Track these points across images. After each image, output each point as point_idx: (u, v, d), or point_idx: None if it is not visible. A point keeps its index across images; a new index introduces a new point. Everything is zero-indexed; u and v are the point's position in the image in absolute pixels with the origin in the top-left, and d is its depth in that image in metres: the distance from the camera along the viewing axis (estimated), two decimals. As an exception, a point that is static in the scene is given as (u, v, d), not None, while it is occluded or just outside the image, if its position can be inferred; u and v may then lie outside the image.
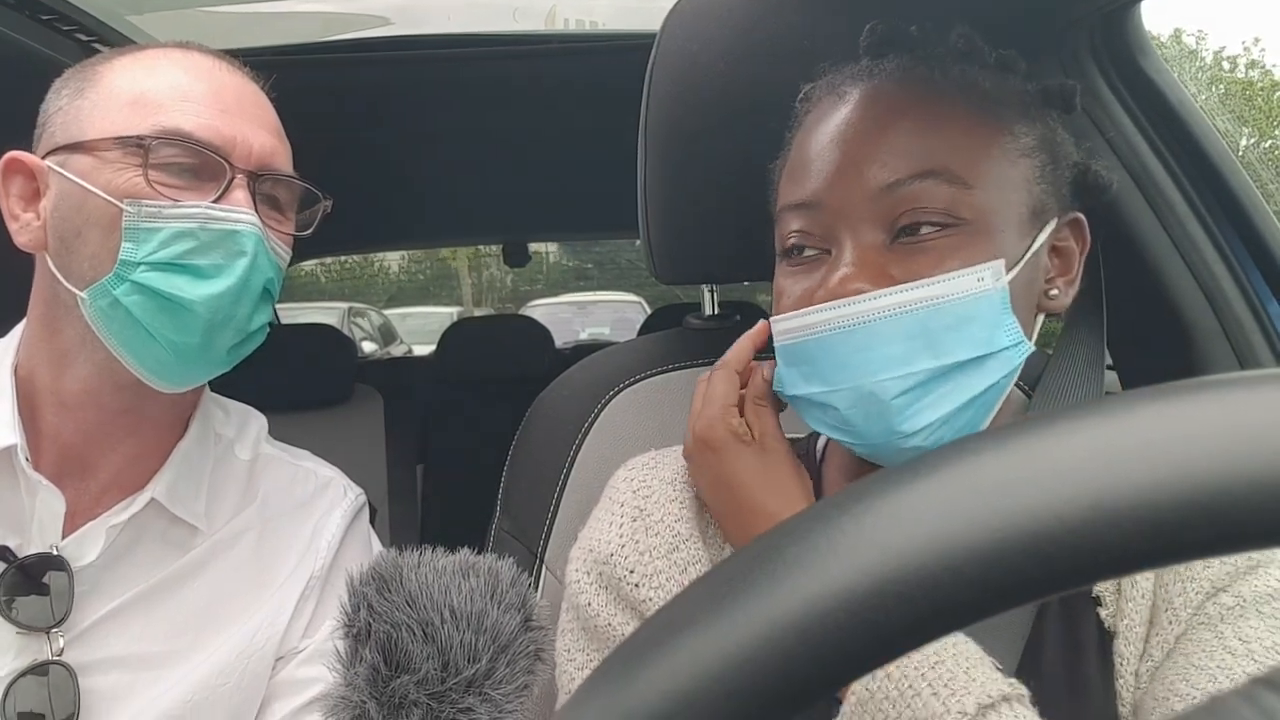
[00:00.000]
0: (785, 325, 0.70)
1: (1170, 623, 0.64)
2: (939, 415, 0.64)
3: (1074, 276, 0.72)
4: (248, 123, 0.79)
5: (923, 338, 0.63)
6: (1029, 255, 0.67)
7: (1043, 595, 0.22)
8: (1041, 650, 0.67)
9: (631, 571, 0.75)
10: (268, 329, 0.83)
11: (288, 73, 0.87)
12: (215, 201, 0.76)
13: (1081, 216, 0.71)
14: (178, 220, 0.74)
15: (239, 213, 0.76)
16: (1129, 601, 0.65)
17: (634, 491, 0.79)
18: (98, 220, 0.74)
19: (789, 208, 0.71)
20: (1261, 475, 0.21)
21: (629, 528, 0.77)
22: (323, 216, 0.88)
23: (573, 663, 0.77)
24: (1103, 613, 0.67)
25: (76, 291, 0.75)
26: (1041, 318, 0.71)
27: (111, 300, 0.74)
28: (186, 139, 0.75)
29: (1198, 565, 0.63)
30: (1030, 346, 0.66)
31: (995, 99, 0.69)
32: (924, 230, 0.65)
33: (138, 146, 0.74)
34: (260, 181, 0.79)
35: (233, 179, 0.77)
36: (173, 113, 0.76)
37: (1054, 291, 0.70)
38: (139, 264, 0.73)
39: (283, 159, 0.83)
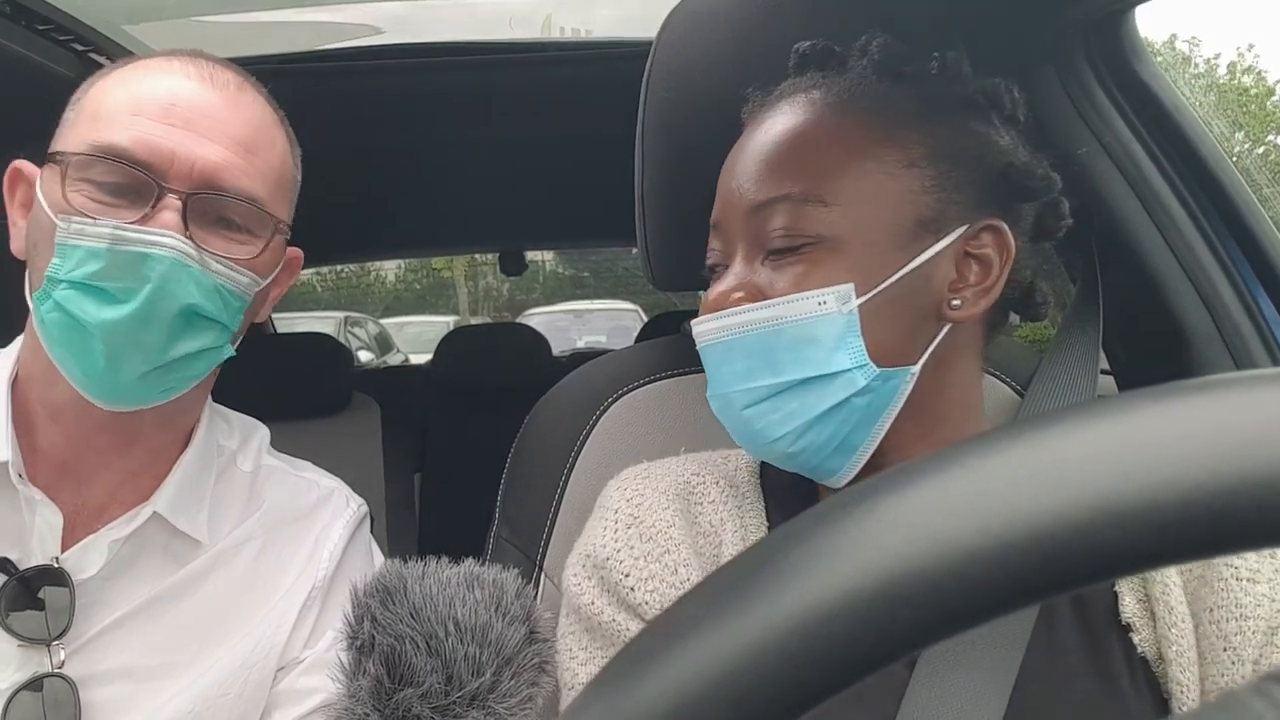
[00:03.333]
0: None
1: (1233, 662, 0.63)
2: (793, 426, 0.68)
3: (990, 285, 0.69)
4: (199, 137, 0.75)
5: (762, 356, 0.68)
6: (905, 271, 0.67)
7: (1048, 596, 0.22)
8: (1072, 677, 0.67)
9: (627, 576, 0.75)
10: (228, 350, 0.80)
11: (282, 82, 0.87)
12: (139, 222, 0.72)
13: (1000, 224, 0.69)
14: (91, 239, 0.71)
15: (154, 235, 0.72)
16: (1172, 628, 0.65)
17: (627, 500, 0.80)
18: (45, 233, 0.74)
19: (710, 228, 0.76)
20: (1264, 474, 0.21)
21: (624, 534, 0.77)
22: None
23: (575, 659, 0.77)
24: (1135, 638, 0.66)
25: (30, 302, 0.75)
26: (946, 328, 0.69)
27: (40, 315, 0.74)
28: (119, 156, 0.73)
29: (1247, 602, 0.64)
30: (875, 369, 0.66)
31: (883, 110, 0.70)
32: (783, 248, 0.68)
33: (59, 162, 0.74)
34: (201, 200, 0.75)
35: (159, 198, 0.73)
36: (114, 128, 0.74)
37: (956, 301, 0.69)
38: (60, 281, 0.72)
39: (235, 175, 0.76)
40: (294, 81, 0.85)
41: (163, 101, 0.75)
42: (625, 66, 1.00)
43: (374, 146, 2.03)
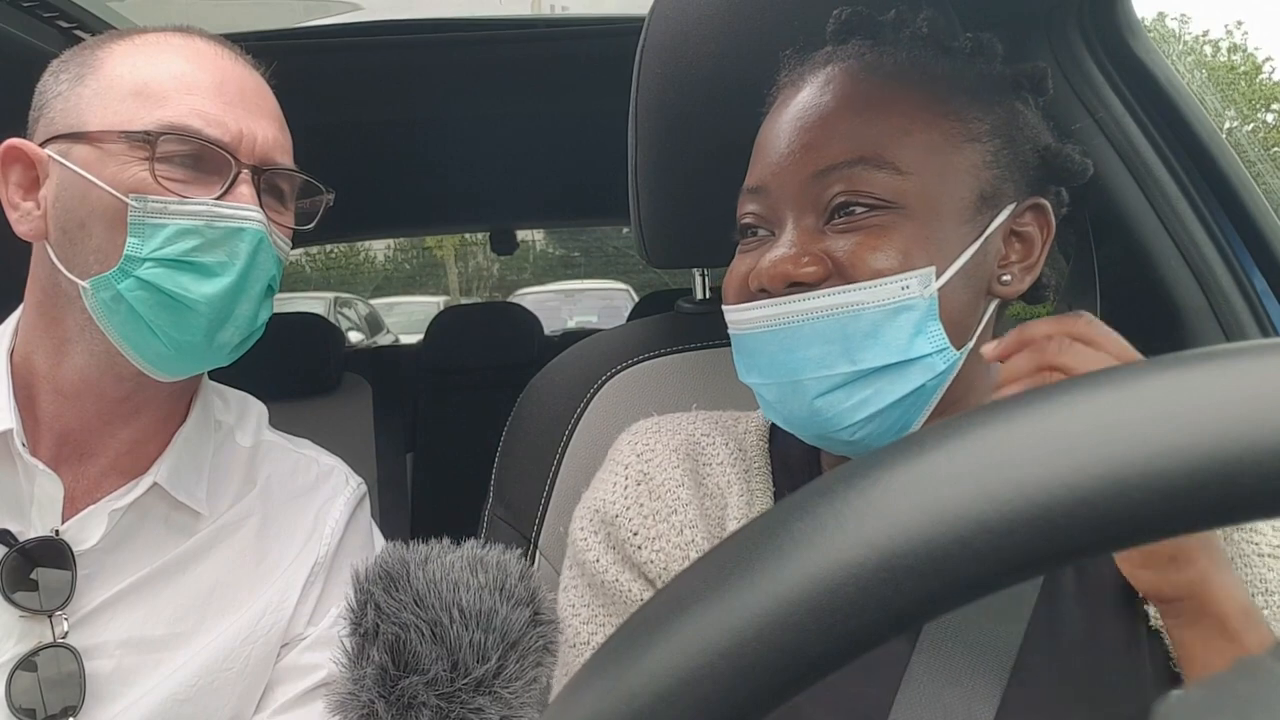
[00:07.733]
0: (729, 317, 0.73)
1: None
2: (865, 415, 0.66)
3: (1034, 262, 0.71)
4: (251, 115, 0.78)
5: (841, 342, 0.65)
6: (973, 249, 0.66)
7: (1053, 567, 0.22)
8: (1073, 651, 0.67)
9: (635, 534, 0.76)
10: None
11: (268, 59, 0.86)
12: (220, 197, 0.75)
13: (1044, 202, 0.70)
14: (183, 217, 0.73)
15: (245, 210, 0.75)
16: None
17: (638, 455, 0.80)
18: (102, 213, 0.73)
19: (744, 191, 0.73)
20: (1270, 443, 0.21)
21: (634, 491, 0.78)
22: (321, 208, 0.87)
23: (578, 617, 0.78)
24: (1151, 610, 0.66)
25: (78, 281, 0.74)
26: (995, 303, 0.70)
27: (114, 294, 0.73)
28: (194, 135, 0.74)
29: (1272, 579, 0.64)
30: (955, 353, 0.66)
31: (945, 84, 0.69)
32: (857, 211, 0.66)
33: (144, 141, 0.73)
34: (265, 175, 0.78)
35: (238, 174, 0.76)
36: (177, 106, 0.74)
37: (1006, 277, 0.70)
38: (144, 259, 0.73)
39: (284, 150, 0.81)
40: (280, 59, 0.84)
41: (213, 79, 0.77)
42: (616, 43, 0.99)
43: (363, 125, 2.02)
